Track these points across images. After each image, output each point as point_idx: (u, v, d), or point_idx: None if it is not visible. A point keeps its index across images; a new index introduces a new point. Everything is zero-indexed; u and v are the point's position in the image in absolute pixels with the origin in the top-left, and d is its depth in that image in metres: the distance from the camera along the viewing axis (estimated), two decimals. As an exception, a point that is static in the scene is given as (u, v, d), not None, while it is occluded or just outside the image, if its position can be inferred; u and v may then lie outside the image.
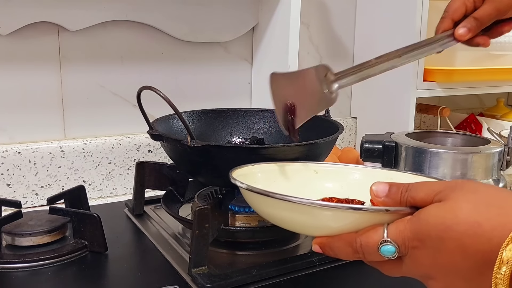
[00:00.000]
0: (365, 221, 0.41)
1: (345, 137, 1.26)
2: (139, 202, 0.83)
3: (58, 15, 0.87)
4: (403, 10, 1.08)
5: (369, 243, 0.40)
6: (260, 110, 0.94)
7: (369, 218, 0.41)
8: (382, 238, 0.39)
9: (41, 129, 0.91)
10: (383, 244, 0.39)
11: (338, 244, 0.43)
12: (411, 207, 0.40)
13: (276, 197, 0.44)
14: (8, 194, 0.87)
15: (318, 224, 0.43)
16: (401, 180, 0.46)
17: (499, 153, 0.83)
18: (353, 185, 0.58)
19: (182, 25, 1.00)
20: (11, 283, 0.61)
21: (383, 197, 0.42)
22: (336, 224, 0.42)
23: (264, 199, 0.45)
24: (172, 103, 0.61)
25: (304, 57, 1.18)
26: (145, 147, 0.98)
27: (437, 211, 0.38)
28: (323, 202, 0.43)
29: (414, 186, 0.41)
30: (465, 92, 1.16)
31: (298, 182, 0.59)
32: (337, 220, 0.42)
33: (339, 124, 0.79)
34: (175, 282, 0.61)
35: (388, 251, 0.39)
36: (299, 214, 0.44)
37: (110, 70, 0.96)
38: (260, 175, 0.58)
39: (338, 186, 0.59)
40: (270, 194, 0.44)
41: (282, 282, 0.62)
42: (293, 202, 0.43)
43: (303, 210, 0.43)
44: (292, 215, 0.44)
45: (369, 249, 0.40)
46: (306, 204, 0.42)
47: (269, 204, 0.46)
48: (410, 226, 0.39)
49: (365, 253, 0.41)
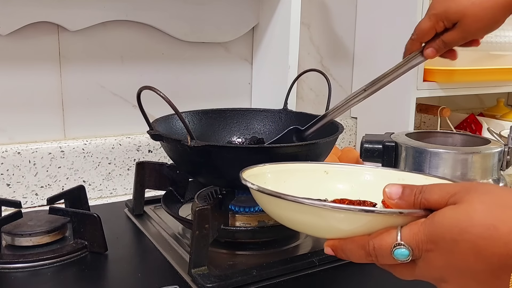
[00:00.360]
0: (378, 224, 0.40)
1: (345, 137, 1.26)
2: (139, 202, 0.83)
3: (58, 15, 0.87)
4: (403, 10, 1.08)
5: (382, 246, 0.40)
6: (260, 110, 0.94)
7: (382, 220, 0.40)
8: (395, 241, 0.39)
9: (41, 129, 0.91)
10: (397, 247, 0.39)
11: (350, 247, 0.42)
12: (425, 210, 0.40)
13: (288, 198, 0.43)
14: (8, 194, 0.87)
15: (330, 226, 0.43)
16: (413, 181, 0.45)
17: (499, 153, 0.83)
18: (364, 186, 0.57)
19: (183, 25, 1.00)
20: (11, 283, 0.61)
21: (396, 199, 0.41)
22: (349, 226, 0.42)
23: (275, 200, 0.45)
24: (172, 103, 0.61)
25: (305, 58, 1.18)
26: (145, 147, 0.98)
27: (452, 214, 0.37)
28: (335, 204, 0.42)
29: (428, 188, 0.40)
30: (465, 92, 1.16)
31: (309, 182, 0.58)
32: (350, 223, 0.41)
33: (339, 124, 0.79)
34: (175, 282, 0.60)
35: (401, 255, 0.39)
36: (310, 216, 0.43)
37: (110, 70, 0.96)
38: (270, 176, 0.58)
39: (349, 187, 0.58)
40: (281, 195, 0.43)
41: (282, 282, 0.62)
42: (304, 204, 0.42)
43: (315, 212, 0.42)
44: (304, 216, 0.44)
45: (382, 252, 0.40)
46: (318, 206, 0.41)
47: (280, 206, 0.46)
48: (424, 229, 0.38)
49: (378, 256, 0.41)
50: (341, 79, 1.25)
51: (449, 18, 0.66)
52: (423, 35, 0.69)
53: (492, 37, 1.13)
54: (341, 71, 1.25)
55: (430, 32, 0.68)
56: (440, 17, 0.66)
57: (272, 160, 0.61)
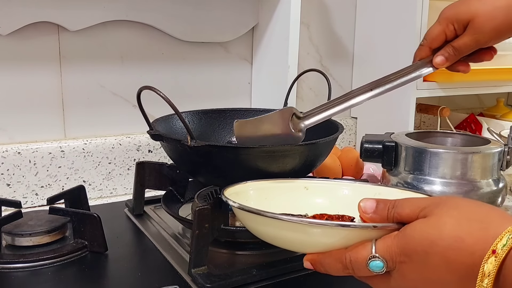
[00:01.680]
0: (354, 237, 0.42)
1: (345, 137, 1.26)
2: (139, 202, 0.83)
3: (58, 15, 0.87)
4: (403, 10, 1.08)
5: (358, 259, 0.41)
6: (260, 110, 0.93)
7: (357, 234, 0.42)
8: (370, 254, 0.41)
9: (41, 129, 0.91)
10: (372, 260, 0.41)
11: (328, 261, 0.44)
12: (398, 223, 0.42)
13: (267, 215, 0.45)
14: (8, 194, 0.87)
15: (308, 241, 0.45)
16: (389, 196, 0.47)
17: (499, 153, 0.83)
18: (342, 200, 0.60)
19: (182, 25, 1.00)
20: (11, 283, 0.61)
21: (370, 213, 0.43)
22: (326, 240, 0.44)
23: (256, 217, 0.47)
24: (172, 103, 0.61)
25: (304, 57, 1.18)
26: (145, 147, 0.98)
27: (422, 227, 0.39)
28: (312, 220, 0.45)
29: (400, 202, 0.42)
30: (465, 92, 1.16)
31: (290, 198, 0.61)
32: (327, 237, 0.43)
33: (339, 124, 0.79)
34: (175, 282, 0.61)
35: (376, 266, 0.41)
36: (290, 232, 0.45)
37: (110, 70, 0.96)
38: (252, 193, 0.60)
39: (328, 202, 0.60)
40: (261, 212, 0.45)
41: (282, 282, 0.62)
42: (283, 220, 0.44)
43: (294, 227, 0.44)
44: (283, 232, 0.46)
45: (358, 264, 0.42)
46: (296, 222, 0.44)
47: (260, 222, 0.47)
48: (397, 242, 0.40)
49: (354, 269, 0.42)
50: (341, 79, 1.25)
51: (460, 19, 0.63)
52: (433, 40, 0.65)
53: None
54: (341, 71, 1.25)
55: (440, 37, 0.65)
56: (450, 19, 0.63)
57: (272, 160, 0.61)
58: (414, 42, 1.05)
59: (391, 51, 1.12)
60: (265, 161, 0.66)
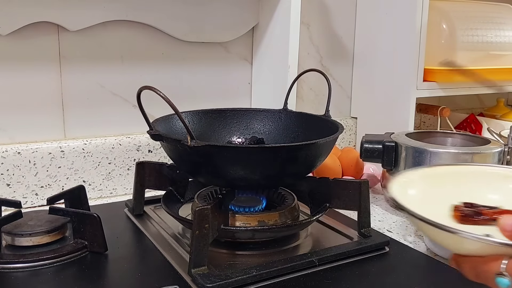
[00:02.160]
0: (492, 250, 0.42)
1: (345, 137, 1.26)
2: (139, 202, 0.83)
3: (58, 15, 0.87)
4: (403, 10, 1.08)
5: (488, 272, 0.42)
6: (260, 110, 0.94)
7: (492, 248, 0.42)
8: (499, 270, 0.41)
9: (41, 129, 0.91)
10: (499, 276, 0.41)
11: (465, 265, 0.45)
12: None
13: (445, 229, 0.44)
14: (8, 194, 0.87)
15: (462, 249, 0.45)
16: None
17: (499, 153, 0.83)
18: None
19: (182, 25, 1.00)
20: (11, 283, 0.61)
21: (510, 231, 0.43)
22: (469, 247, 0.44)
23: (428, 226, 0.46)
24: (172, 103, 0.61)
25: (304, 57, 1.18)
26: (145, 147, 0.98)
27: None
28: (497, 240, 0.43)
29: None
30: (465, 92, 1.16)
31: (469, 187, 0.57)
32: (470, 245, 0.44)
33: (339, 124, 0.79)
34: (175, 282, 0.61)
35: (503, 283, 0.41)
36: (453, 240, 0.45)
37: (110, 70, 0.96)
38: (424, 180, 0.58)
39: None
40: (437, 224, 0.44)
41: (282, 282, 0.62)
42: (461, 235, 0.43)
43: (463, 241, 0.43)
44: (446, 238, 0.46)
45: (487, 278, 0.42)
46: (479, 240, 0.42)
47: (431, 229, 0.46)
48: None
49: (482, 280, 0.43)
50: (341, 79, 1.25)
51: None
52: None
53: (492, 37, 1.13)
54: (341, 71, 1.25)
55: None
56: None
57: (272, 160, 0.61)
58: (414, 42, 1.05)
59: (391, 51, 1.12)
60: (265, 161, 0.67)
